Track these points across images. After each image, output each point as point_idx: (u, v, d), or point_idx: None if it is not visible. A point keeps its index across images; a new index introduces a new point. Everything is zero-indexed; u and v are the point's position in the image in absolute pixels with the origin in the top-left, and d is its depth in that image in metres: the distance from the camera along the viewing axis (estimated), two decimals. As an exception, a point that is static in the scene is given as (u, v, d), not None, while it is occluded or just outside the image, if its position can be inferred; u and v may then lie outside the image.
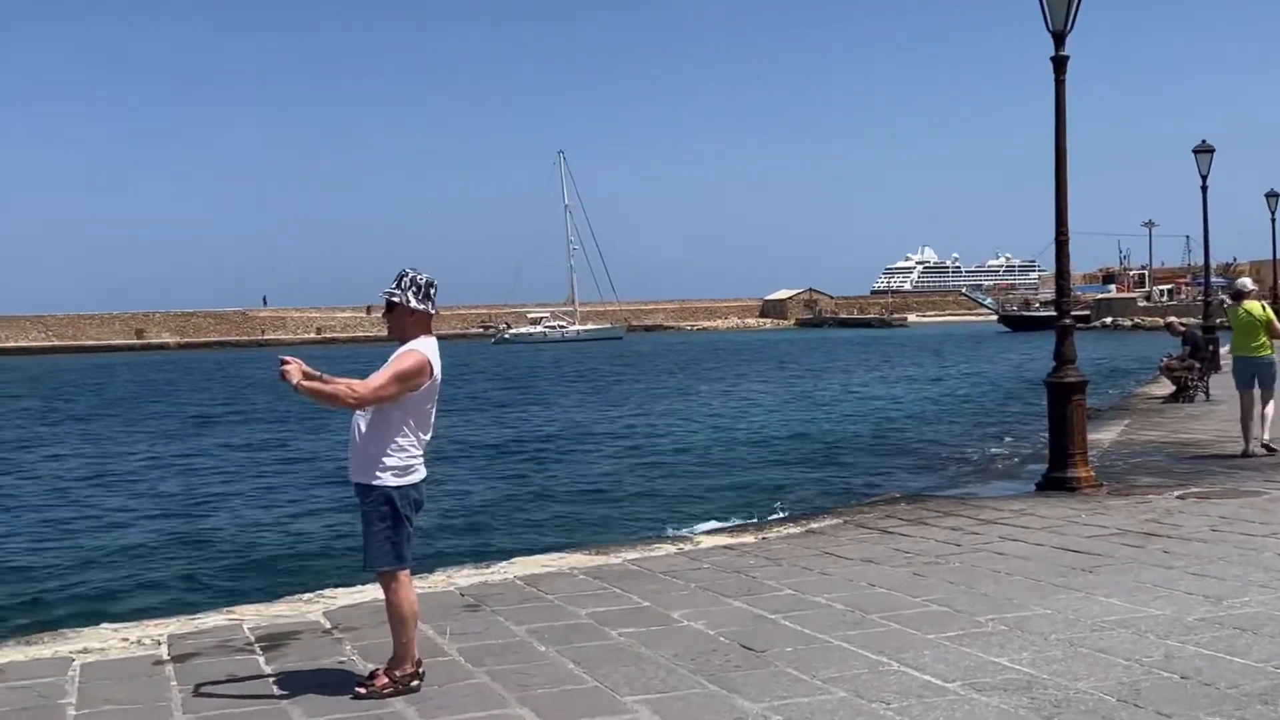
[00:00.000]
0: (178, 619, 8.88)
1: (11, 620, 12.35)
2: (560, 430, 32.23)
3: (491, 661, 7.02)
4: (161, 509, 20.17)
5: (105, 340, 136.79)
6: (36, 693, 6.76)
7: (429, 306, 6.55)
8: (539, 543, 14.75)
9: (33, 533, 18.24)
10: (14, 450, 31.25)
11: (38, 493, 22.79)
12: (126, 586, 14.19)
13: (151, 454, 29.07)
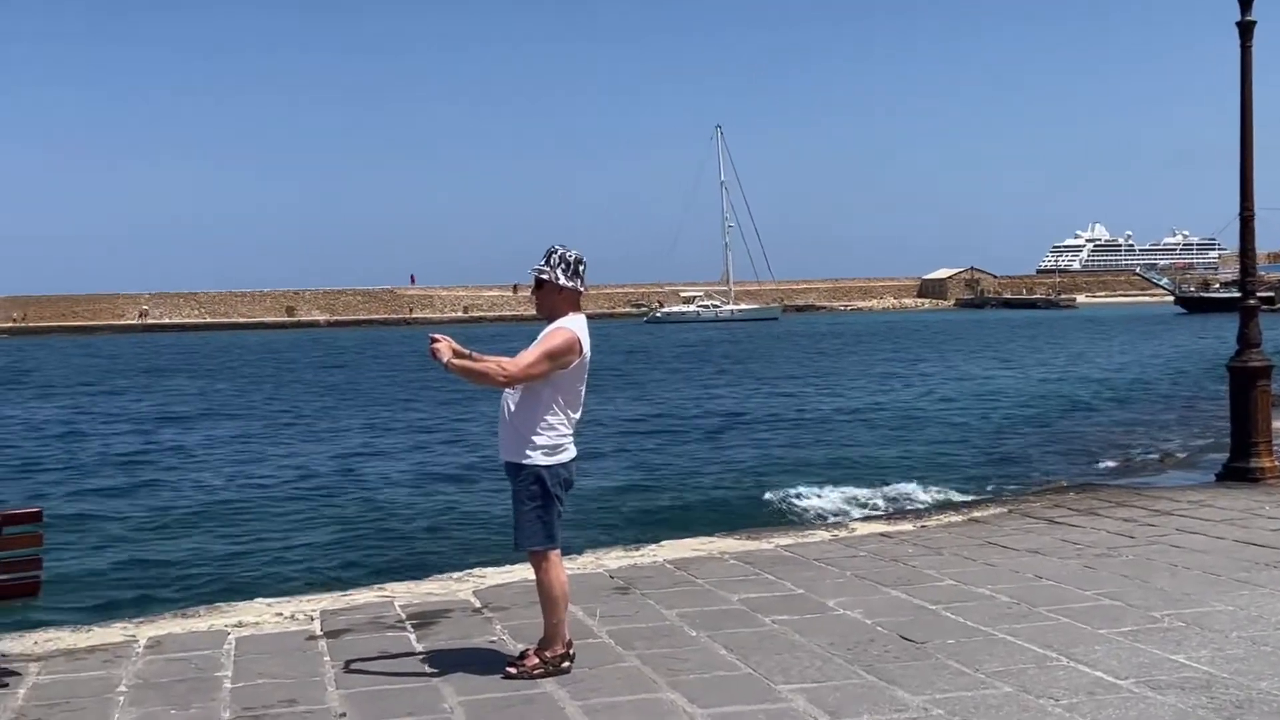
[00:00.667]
0: (330, 595, 9.15)
1: (169, 594, 12.89)
2: (710, 411, 32.25)
3: (642, 645, 7.08)
4: (314, 487, 20.79)
5: (257, 317, 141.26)
6: (194, 665, 7.04)
7: (578, 283, 6.60)
8: (687, 526, 14.79)
9: (190, 508, 18.98)
10: (173, 427, 32.54)
11: (197, 470, 23.69)
12: (280, 562, 14.68)
13: (308, 432, 29.99)
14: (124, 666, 7.07)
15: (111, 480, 22.49)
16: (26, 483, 22.54)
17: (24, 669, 7.06)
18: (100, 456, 26.14)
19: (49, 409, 39.31)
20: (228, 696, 6.38)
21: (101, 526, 17.56)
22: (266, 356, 74.20)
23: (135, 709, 6.22)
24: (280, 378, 53.49)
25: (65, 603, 12.07)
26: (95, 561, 14.98)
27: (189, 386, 49.21)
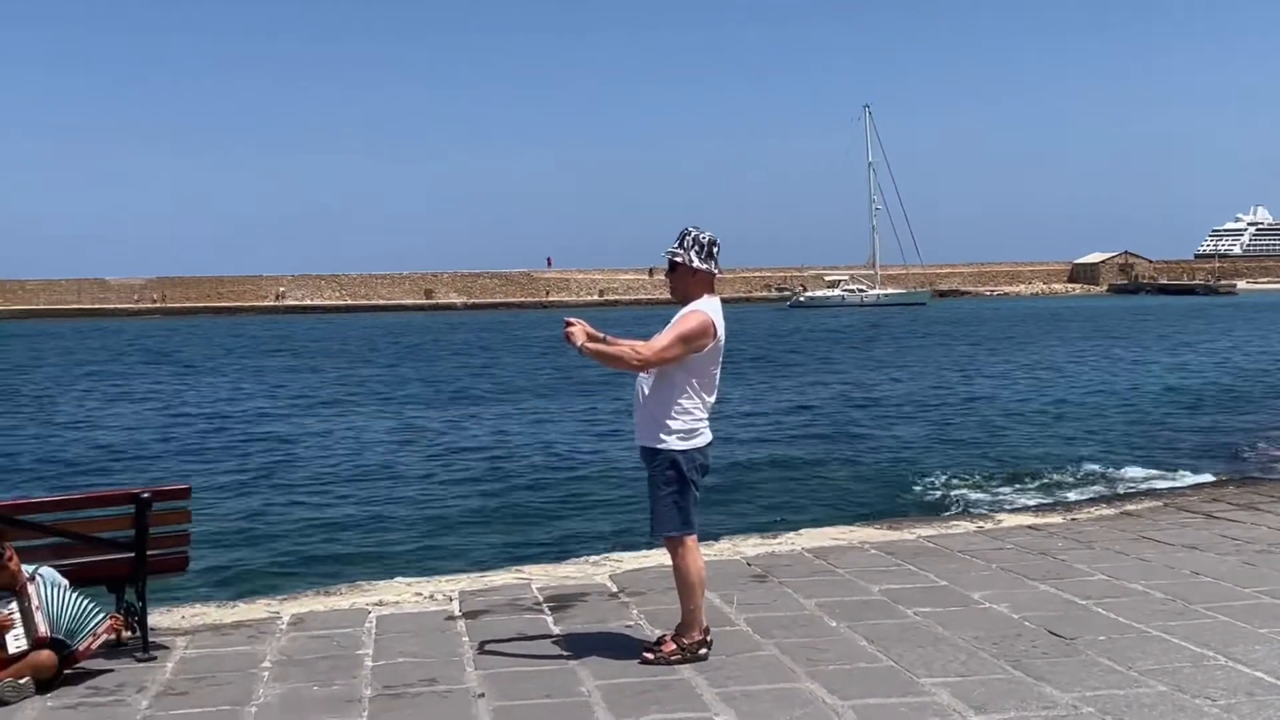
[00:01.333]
0: (468, 576, 9.32)
1: (310, 571, 13.26)
2: (853, 398, 31.99)
3: (780, 634, 7.07)
4: (452, 469, 21.19)
5: (396, 300, 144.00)
6: (335, 642, 7.24)
7: (712, 265, 6.60)
8: (826, 514, 14.72)
9: (331, 489, 19.49)
10: (317, 407, 33.40)
11: (337, 450, 24.29)
12: (418, 543, 15.01)
13: (447, 414, 30.53)
14: (268, 643, 7.30)
15: (257, 459, 23.19)
16: (178, 459, 23.37)
17: (172, 643, 7.33)
18: (247, 436, 26.97)
19: (202, 388, 40.66)
20: (369, 674, 6.55)
21: (246, 504, 18.13)
22: (405, 338, 75.66)
23: (279, 685, 6.42)
24: (419, 360, 54.51)
25: (211, 579, 12.51)
26: (240, 538, 15.48)
27: (331, 367, 50.45)
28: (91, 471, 22.12)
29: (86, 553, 7.07)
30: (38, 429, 29.62)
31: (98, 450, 25.32)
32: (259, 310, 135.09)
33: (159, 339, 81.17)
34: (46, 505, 7.33)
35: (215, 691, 6.34)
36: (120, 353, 65.52)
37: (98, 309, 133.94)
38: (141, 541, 7.09)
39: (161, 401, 36.29)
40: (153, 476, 20.43)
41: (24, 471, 22.37)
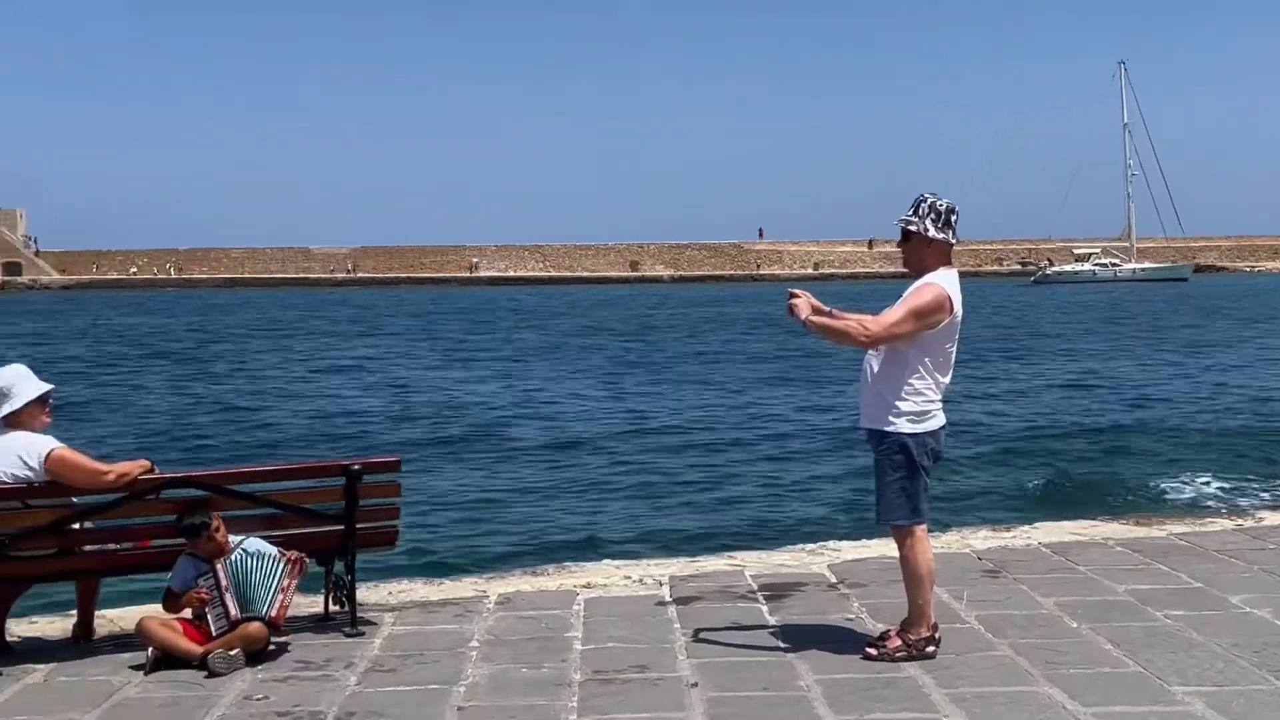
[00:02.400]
0: (678, 561, 9.41)
1: (517, 551, 13.58)
2: (1104, 383, 31.05)
3: (1015, 634, 6.94)
4: (659, 450, 21.40)
5: (600, 272, 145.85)
6: (544, 624, 7.40)
7: (949, 235, 6.48)
8: (1063, 507, 14.35)
9: (538, 465, 19.92)
10: (525, 381, 34.16)
11: (543, 427, 24.80)
12: (626, 524, 15.21)
13: (653, 392, 30.87)
14: (475, 622, 7.51)
15: (462, 433, 23.86)
16: (384, 431, 24.24)
17: (379, 619, 7.61)
18: (452, 409, 27.76)
19: (405, 360, 42.00)
20: (578, 658, 6.68)
21: (451, 479, 18.66)
22: (609, 311, 76.60)
23: (487, 665, 6.61)
24: (624, 333, 55.14)
25: (417, 555, 12.92)
26: (445, 514, 15.94)
27: (536, 339, 51.48)
28: (300, 443, 23.09)
29: (295, 524, 7.38)
30: (247, 399, 31.06)
31: (307, 421, 26.44)
32: (461, 282, 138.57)
33: (361, 309, 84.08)
34: (256, 475, 7.67)
35: (423, 670, 6.56)
36: (327, 322, 68.14)
37: (300, 278, 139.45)
38: (351, 514, 7.37)
39: (366, 373, 37.62)
40: (361, 448, 21.20)
41: (233, 442, 23.48)
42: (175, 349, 50.37)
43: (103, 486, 6.92)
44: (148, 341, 55.36)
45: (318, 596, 7.87)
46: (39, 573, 7.13)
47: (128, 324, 70.94)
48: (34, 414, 7.02)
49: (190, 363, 43.67)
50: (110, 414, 28.50)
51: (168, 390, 33.89)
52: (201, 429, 25.68)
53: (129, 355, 47.65)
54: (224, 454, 21.61)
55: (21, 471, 6.83)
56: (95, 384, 35.72)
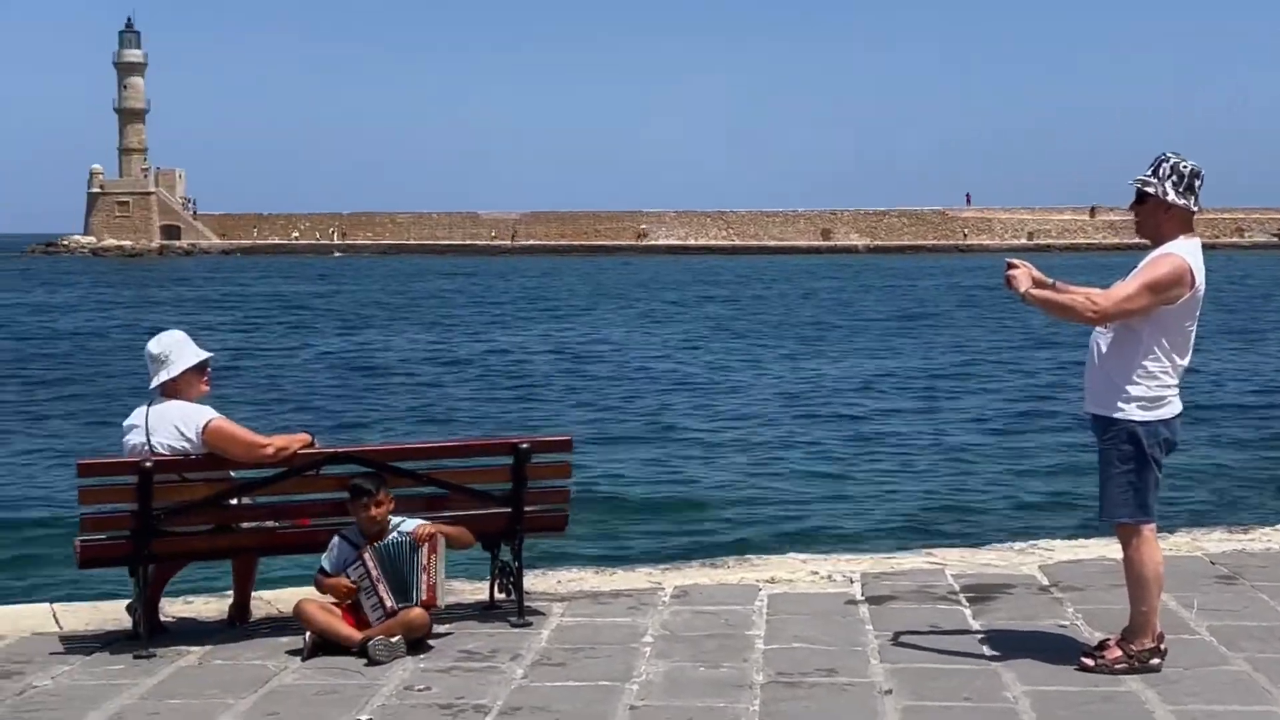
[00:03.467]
0: (871, 556, 9.33)
1: (694, 540, 13.64)
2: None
3: (1252, 647, 6.70)
4: (853, 435, 21.27)
5: (789, 240, 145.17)
6: (723, 620, 7.40)
7: (1191, 201, 6.25)
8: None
9: (718, 449, 19.98)
10: (707, 361, 34.25)
11: (728, 408, 24.87)
12: (813, 515, 15.16)
13: (846, 372, 30.70)
14: (649, 615, 7.54)
15: (640, 410, 24.05)
16: (554, 409, 24.56)
17: (548, 609, 7.70)
18: (632, 385, 28.00)
19: (580, 333, 42.49)
20: (760, 658, 6.66)
21: (627, 460, 18.83)
22: (800, 283, 76.26)
23: (661, 661, 6.63)
24: (817, 306, 54.87)
25: (589, 542, 13.06)
26: (616, 499, 16.09)
27: (722, 313, 51.56)
28: (468, 420, 23.54)
29: (460, 505, 7.49)
30: (414, 372, 31.77)
31: (475, 397, 26.96)
32: (636, 250, 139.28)
33: (533, 278, 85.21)
34: (420, 451, 7.82)
35: (593, 664, 6.61)
36: (498, 291, 69.25)
37: (468, 245, 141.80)
38: (519, 496, 7.46)
39: (535, 346, 38.13)
40: (531, 427, 21.53)
41: (397, 417, 24.05)
42: (339, 318, 51.75)
43: (261, 460, 7.11)
44: (311, 309, 57.00)
45: (482, 584, 7.99)
46: (195, 550, 7.36)
47: (290, 291, 73.14)
48: (191, 382, 7.24)
49: (354, 332, 44.86)
50: (269, 385, 29.45)
51: (330, 361, 34.87)
52: (365, 403, 26.39)
53: (290, 323, 49.11)
54: (387, 430, 22.13)
55: (178, 443, 7.06)
56: (253, 353, 36.94)
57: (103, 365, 34.24)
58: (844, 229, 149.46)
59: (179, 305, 59.84)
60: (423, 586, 6.95)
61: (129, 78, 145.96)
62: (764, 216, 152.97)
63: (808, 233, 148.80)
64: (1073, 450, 17.84)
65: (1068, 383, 25.36)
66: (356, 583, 6.97)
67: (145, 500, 6.84)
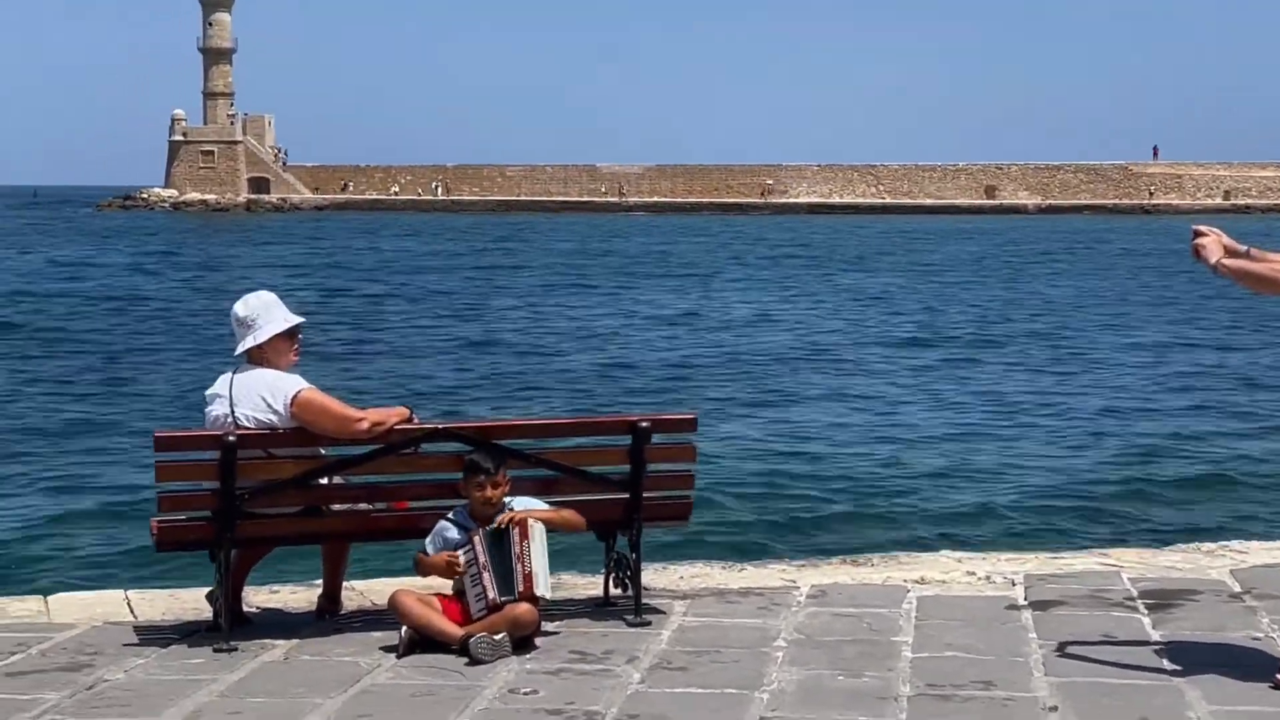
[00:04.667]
0: (1036, 556, 9.24)
1: (831, 533, 13.62)
2: None
3: None
4: (1018, 418, 21.16)
5: (947, 199, 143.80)
6: (866, 624, 7.38)
7: None
8: None
9: (861, 432, 19.92)
10: (846, 335, 34.13)
11: (873, 385, 24.77)
12: (971, 507, 15.06)
13: (1013, 346, 30.45)
14: (782, 616, 7.54)
15: (773, 388, 24.03)
16: (678, 385, 24.64)
17: (668, 607, 7.73)
18: (758, 360, 27.97)
19: (712, 302, 42.54)
20: (907, 667, 6.63)
21: (757, 444, 18.82)
22: (958, 246, 75.58)
23: (796, 669, 6.62)
24: (982, 274, 54.39)
25: (715, 533, 13.08)
26: (745, 485, 16.10)
27: (866, 283, 51.30)
28: (583, 395, 23.69)
29: (571, 489, 7.54)
30: (524, 342, 32.03)
31: (591, 371, 27.13)
32: (773, 209, 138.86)
33: (658, 240, 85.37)
34: (529, 429, 7.89)
35: (719, 670, 6.62)
36: (619, 254, 69.52)
37: (585, 202, 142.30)
38: (638, 480, 7.48)
39: (663, 311, 38.23)
40: (653, 405, 21.59)
41: (504, 392, 24.26)
42: (443, 281, 52.31)
43: (355, 436, 7.20)
44: (412, 271, 57.68)
45: (596, 578, 8.05)
46: (281, 534, 7.48)
47: (391, 251, 74.06)
48: (280, 349, 7.33)
49: (457, 295, 45.33)
50: (365, 356, 29.87)
51: (433, 330, 35.27)
52: (471, 375, 26.64)
53: (389, 287, 49.73)
54: (495, 405, 22.35)
55: (264, 415, 7.16)
56: (349, 320, 37.51)
57: (187, 331, 34.99)
58: (1011, 185, 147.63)
59: (266, 266, 60.87)
60: (518, 576, 6.99)
61: (215, 14, 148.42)
62: (919, 171, 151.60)
63: (969, 189, 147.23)
64: (1268, 438, 17.56)
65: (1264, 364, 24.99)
66: (463, 567, 7.02)
67: (228, 478, 6.97)
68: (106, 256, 70.11)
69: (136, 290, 48.89)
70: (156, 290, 49.15)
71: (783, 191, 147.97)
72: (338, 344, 31.60)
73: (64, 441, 19.89)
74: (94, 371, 27.77)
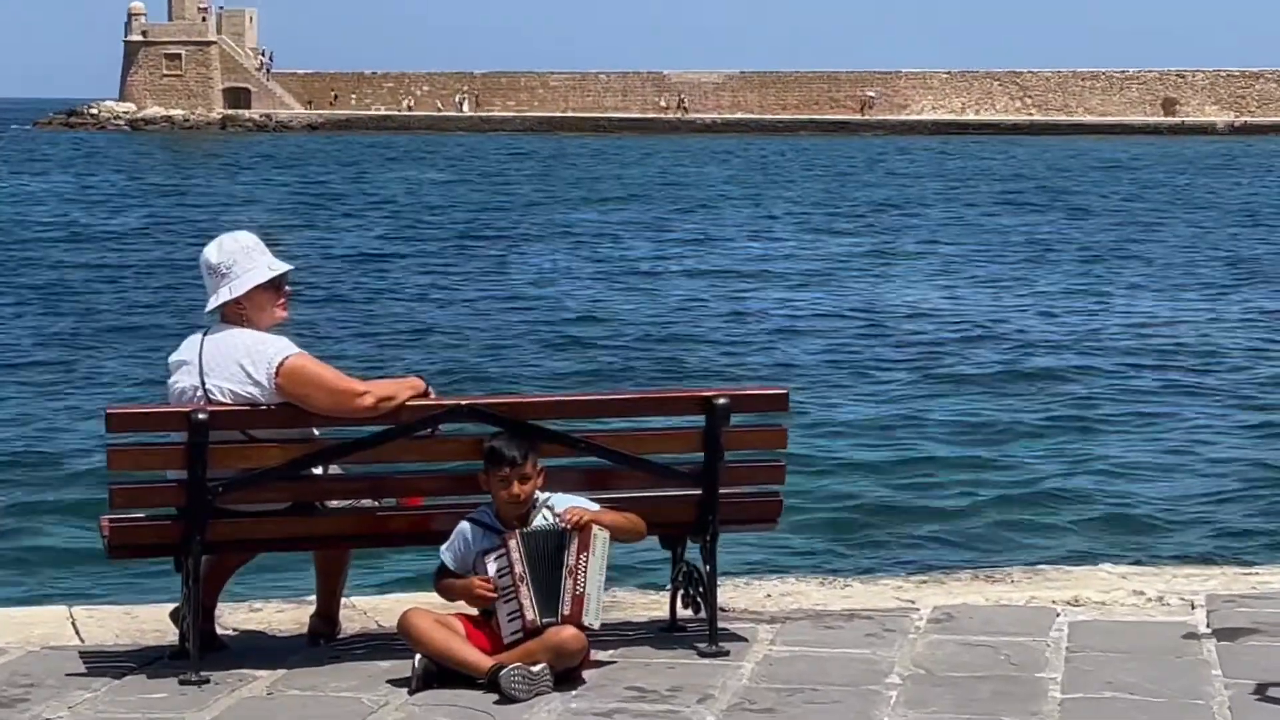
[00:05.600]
0: (1223, 571, 9.22)
1: (958, 541, 13.58)
2: None
3: None
4: (1205, 395, 21.05)
5: (1112, 115, 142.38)
6: (1003, 655, 7.36)
7: None
8: None
9: (1000, 414, 19.86)
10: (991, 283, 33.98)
11: (1018, 354, 24.73)
12: (1138, 508, 14.97)
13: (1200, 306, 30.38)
14: (896, 646, 7.54)
15: (885, 353, 24.03)
16: (761, 352, 24.61)
17: (751, 632, 7.72)
18: (873, 319, 27.98)
19: (818, 246, 42.45)
20: (1056, 712, 6.61)
21: (861, 425, 18.79)
22: (1130, 172, 74.97)
23: (913, 712, 6.61)
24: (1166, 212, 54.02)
25: (808, 538, 13.07)
26: (852, 476, 16.07)
27: (1013, 228, 51.08)
28: (642, 364, 23.68)
29: (630, 484, 7.52)
30: (563, 299, 32.04)
31: (656, 334, 27.10)
32: (890, 128, 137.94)
33: (755, 162, 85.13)
34: (575, 407, 7.82)
35: (814, 714, 6.62)
36: (693, 186, 69.43)
37: (649, 119, 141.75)
38: (712, 472, 7.44)
39: (749, 271, 38.15)
40: (730, 379, 21.58)
41: (544, 364, 24.26)
42: (466, 220, 52.34)
43: (356, 414, 7.15)
44: (428, 209, 57.77)
45: (660, 595, 8.05)
46: (264, 537, 7.46)
47: (402, 182, 74.17)
48: (262, 305, 7.27)
49: (485, 239, 45.38)
50: (370, 315, 29.93)
51: (456, 284, 35.26)
52: (504, 339, 26.63)
53: (399, 228, 49.81)
54: (533, 379, 22.37)
55: (243, 387, 7.13)
56: (351, 271, 37.55)
57: (145, 287, 35.04)
58: (1195, 98, 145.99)
59: (251, 204, 61.09)
60: (566, 594, 6.96)
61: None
62: (1075, 79, 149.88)
63: (1140, 104, 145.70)
64: None
65: None
66: (496, 583, 6.98)
67: (197, 466, 6.94)
68: (39, 186, 70.41)
69: (76, 230, 49.06)
70: (103, 230, 49.30)
71: (903, 106, 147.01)
72: (335, 301, 31.70)
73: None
74: (27, 330, 27.94)
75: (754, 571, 9.25)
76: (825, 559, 12.12)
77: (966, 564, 10.45)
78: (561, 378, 22.84)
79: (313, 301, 29.42)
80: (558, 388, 20.97)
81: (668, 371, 23.23)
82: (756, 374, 22.45)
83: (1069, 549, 12.97)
